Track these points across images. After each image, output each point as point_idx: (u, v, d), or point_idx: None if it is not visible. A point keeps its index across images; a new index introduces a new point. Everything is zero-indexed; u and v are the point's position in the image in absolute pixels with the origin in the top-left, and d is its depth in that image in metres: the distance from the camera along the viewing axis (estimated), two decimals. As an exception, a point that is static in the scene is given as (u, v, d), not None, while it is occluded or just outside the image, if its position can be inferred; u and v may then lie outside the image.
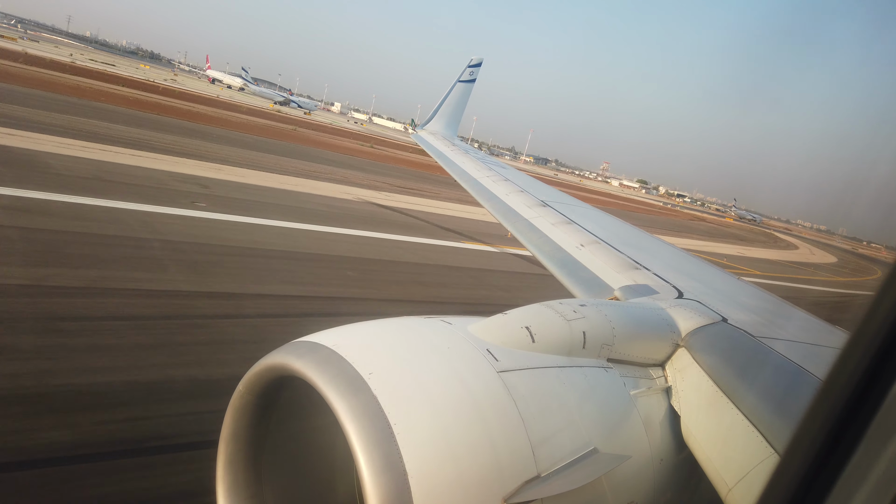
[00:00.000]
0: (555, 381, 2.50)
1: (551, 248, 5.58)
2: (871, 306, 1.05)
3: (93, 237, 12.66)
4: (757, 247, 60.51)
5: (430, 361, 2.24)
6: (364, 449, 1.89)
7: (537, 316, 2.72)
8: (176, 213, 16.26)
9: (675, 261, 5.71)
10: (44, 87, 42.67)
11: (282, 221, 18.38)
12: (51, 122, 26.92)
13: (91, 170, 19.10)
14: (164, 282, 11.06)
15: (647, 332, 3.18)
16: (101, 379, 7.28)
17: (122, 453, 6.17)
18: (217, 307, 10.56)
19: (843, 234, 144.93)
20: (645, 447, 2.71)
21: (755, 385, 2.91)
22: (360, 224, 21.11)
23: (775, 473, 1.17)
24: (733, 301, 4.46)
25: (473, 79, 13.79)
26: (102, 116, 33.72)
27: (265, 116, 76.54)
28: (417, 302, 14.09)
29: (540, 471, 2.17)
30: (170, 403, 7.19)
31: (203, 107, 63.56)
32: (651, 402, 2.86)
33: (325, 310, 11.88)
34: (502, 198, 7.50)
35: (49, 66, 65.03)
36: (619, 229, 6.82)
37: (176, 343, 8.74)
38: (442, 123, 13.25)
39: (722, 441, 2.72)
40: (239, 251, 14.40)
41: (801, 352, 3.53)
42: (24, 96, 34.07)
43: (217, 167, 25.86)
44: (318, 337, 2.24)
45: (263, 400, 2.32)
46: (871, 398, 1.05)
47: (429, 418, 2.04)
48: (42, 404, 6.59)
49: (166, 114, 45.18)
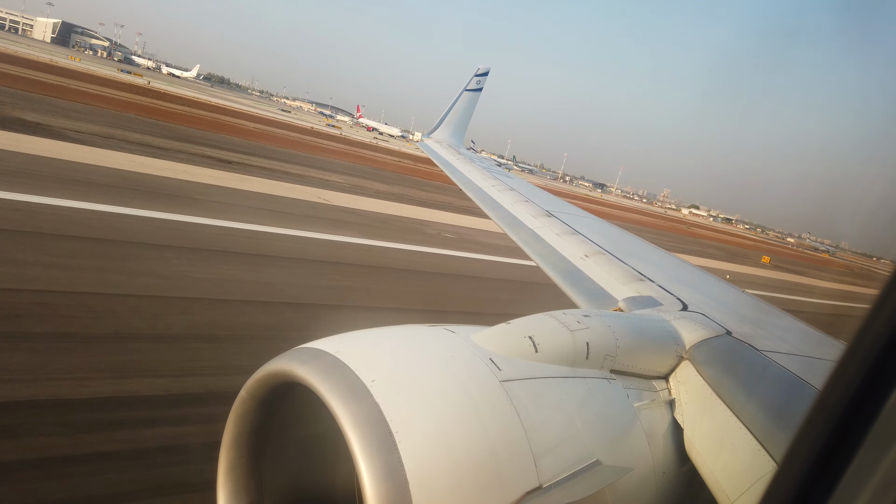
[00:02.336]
0: (558, 391, 2.49)
1: (555, 259, 5.58)
2: (867, 318, 1.06)
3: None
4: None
5: (432, 370, 2.23)
6: (365, 456, 1.88)
7: (541, 326, 2.71)
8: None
9: (679, 273, 5.69)
10: (225, 131, 44.18)
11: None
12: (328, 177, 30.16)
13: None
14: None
15: (651, 344, 3.17)
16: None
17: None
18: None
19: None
20: (647, 460, 2.70)
21: (759, 398, 2.89)
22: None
23: (773, 482, 1.17)
24: (737, 314, 4.44)
25: (480, 87, 13.84)
26: (334, 168, 36.26)
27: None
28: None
29: (541, 482, 2.15)
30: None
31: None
32: (654, 415, 2.85)
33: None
34: (507, 207, 7.50)
35: (208, 108, 66.26)
36: (623, 240, 6.81)
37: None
38: (448, 132, 13.28)
39: (725, 455, 2.70)
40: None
41: (805, 365, 3.52)
42: (246, 146, 36.76)
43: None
44: (321, 343, 2.24)
45: (265, 406, 2.32)
46: (868, 408, 1.05)
47: (431, 426, 2.03)
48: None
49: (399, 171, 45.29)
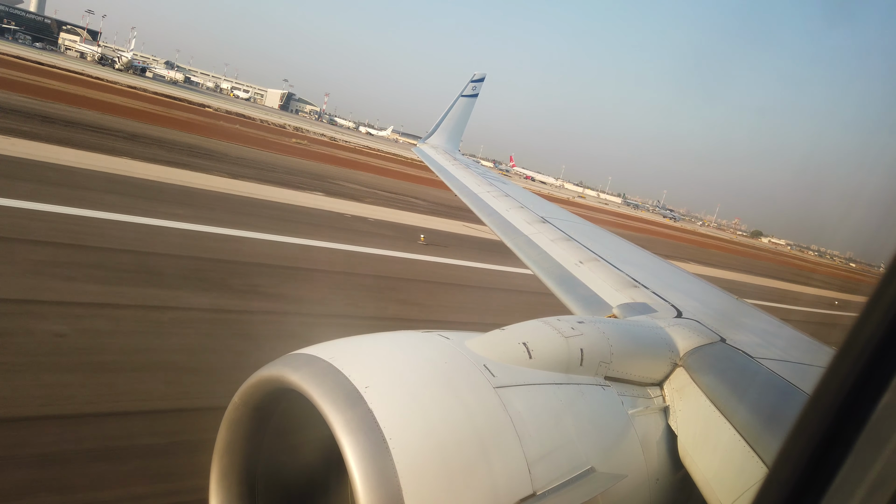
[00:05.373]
0: (552, 397, 2.49)
1: (550, 265, 5.58)
2: (856, 322, 1.06)
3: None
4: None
5: (426, 376, 2.23)
6: (359, 463, 1.88)
7: (535, 332, 2.71)
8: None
9: (674, 280, 5.71)
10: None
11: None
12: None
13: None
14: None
15: (645, 351, 3.17)
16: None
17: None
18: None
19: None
20: (641, 466, 2.69)
21: (752, 405, 2.90)
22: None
23: (764, 485, 1.17)
24: (732, 321, 4.45)
25: (476, 93, 13.89)
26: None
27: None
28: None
29: (535, 489, 2.15)
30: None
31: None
32: (648, 422, 2.85)
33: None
34: (502, 213, 7.51)
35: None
36: (618, 247, 6.82)
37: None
38: (444, 137, 13.31)
39: (718, 461, 2.71)
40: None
41: (798, 372, 3.53)
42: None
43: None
44: (315, 350, 2.23)
45: (259, 412, 2.30)
46: (858, 412, 1.06)
47: (424, 433, 2.03)
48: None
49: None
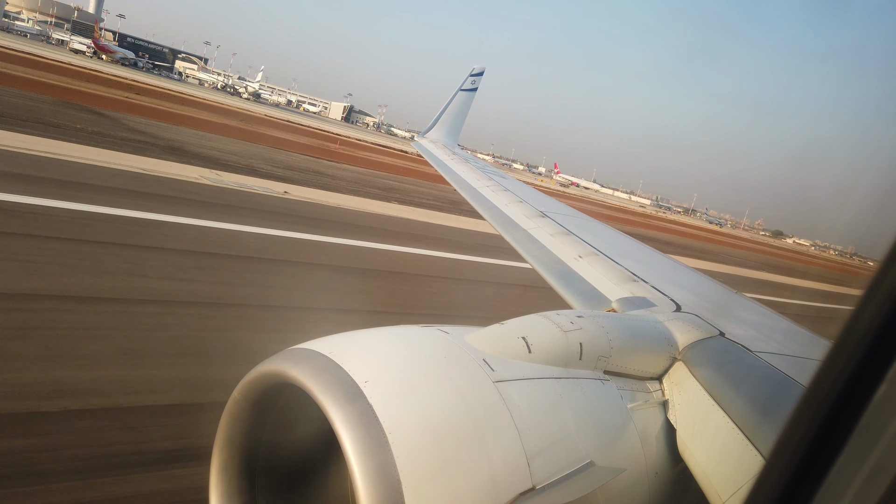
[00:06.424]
0: (551, 392, 2.50)
1: (549, 259, 5.58)
2: (852, 314, 1.06)
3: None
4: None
5: (426, 370, 2.23)
6: (358, 457, 1.88)
7: (534, 326, 2.72)
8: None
9: (673, 274, 5.71)
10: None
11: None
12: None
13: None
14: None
15: (645, 345, 3.17)
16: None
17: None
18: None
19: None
20: (640, 460, 2.70)
21: (752, 399, 2.91)
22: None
23: (760, 477, 1.17)
24: (731, 315, 4.46)
25: (475, 87, 13.86)
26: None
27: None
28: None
29: (535, 483, 2.16)
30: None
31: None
32: (647, 416, 2.86)
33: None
34: (501, 208, 7.50)
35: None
36: (617, 241, 6.82)
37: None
38: (443, 132, 13.29)
39: (717, 455, 2.71)
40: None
41: (797, 366, 3.54)
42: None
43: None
44: (315, 344, 2.24)
45: (258, 407, 2.31)
46: (855, 403, 1.06)
47: (424, 427, 2.03)
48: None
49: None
